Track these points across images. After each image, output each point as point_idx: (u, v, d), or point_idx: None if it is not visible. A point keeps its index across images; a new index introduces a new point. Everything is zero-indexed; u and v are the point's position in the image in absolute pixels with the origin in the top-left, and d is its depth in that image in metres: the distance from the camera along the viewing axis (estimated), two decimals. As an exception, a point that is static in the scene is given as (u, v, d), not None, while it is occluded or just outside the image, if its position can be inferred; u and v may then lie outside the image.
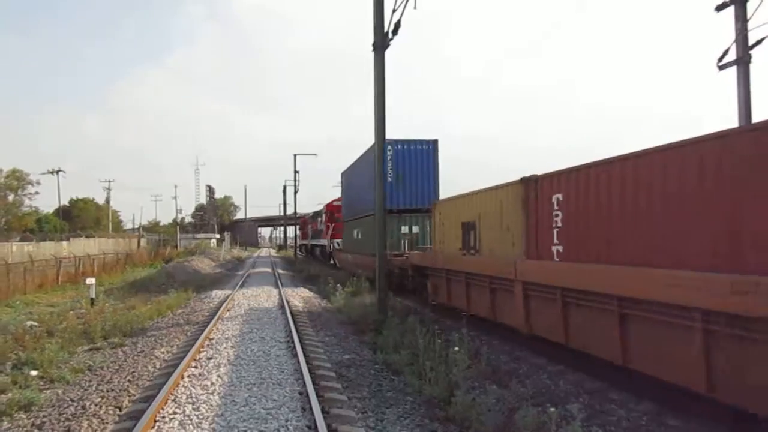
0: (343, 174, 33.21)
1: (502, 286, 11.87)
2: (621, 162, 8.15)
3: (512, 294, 11.28)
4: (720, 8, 14.49)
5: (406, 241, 21.36)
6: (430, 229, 18.59)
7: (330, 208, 39.77)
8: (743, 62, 14.20)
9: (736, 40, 14.27)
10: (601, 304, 8.44)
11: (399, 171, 22.11)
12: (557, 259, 9.83)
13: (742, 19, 14.11)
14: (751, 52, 14.13)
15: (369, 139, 14.60)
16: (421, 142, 22.53)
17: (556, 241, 9.91)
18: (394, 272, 19.29)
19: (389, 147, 21.30)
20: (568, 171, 9.56)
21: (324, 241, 42.09)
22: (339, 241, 35.38)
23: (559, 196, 9.79)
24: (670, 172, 7.15)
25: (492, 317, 12.55)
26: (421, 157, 22.43)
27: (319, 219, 45.54)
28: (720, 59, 14.64)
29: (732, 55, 14.42)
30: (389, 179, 21.02)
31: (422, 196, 21.84)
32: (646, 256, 7.52)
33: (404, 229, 21.80)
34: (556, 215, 9.89)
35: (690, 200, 6.85)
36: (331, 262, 38.89)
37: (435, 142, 22.66)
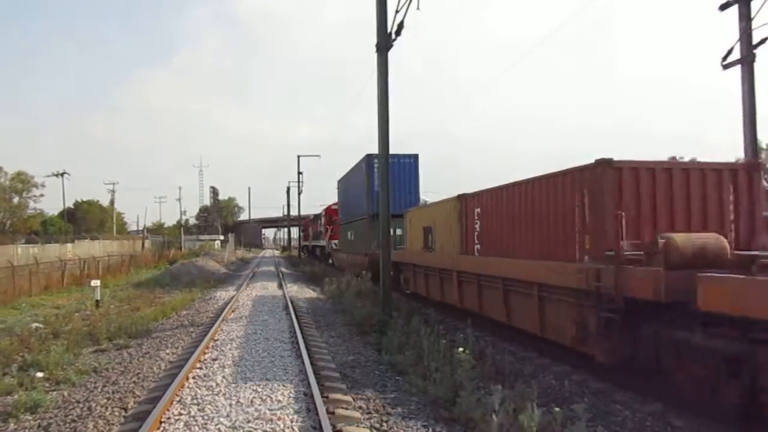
0: (339, 181, 36.18)
1: (447, 275, 15.74)
2: (506, 188, 12.31)
3: (452, 280, 15.19)
4: (724, 7, 14.45)
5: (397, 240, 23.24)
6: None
7: (328, 211, 42.14)
8: (747, 61, 14.17)
9: (741, 39, 14.23)
10: (495, 282, 12.48)
11: (397, 175, 24.05)
12: (477, 254, 13.86)
13: (746, 18, 14.07)
14: (755, 51, 14.10)
15: (373, 137, 14.60)
16: (404, 156, 25.00)
17: (476, 241, 13.99)
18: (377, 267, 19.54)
19: (376, 160, 22.90)
20: (481, 192, 13.77)
21: (323, 242, 44.32)
22: (336, 242, 38.04)
23: (478, 209, 13.84)
24: (515, 199, 11.86)
25: (442, 300, 16.42)
26: (404, 169, 24.99)
27: (319, 221, 47.94)
28: (724, 58, 14.61)
29: (736, 54, 14.38)
30: (376, 188, 22.60)
31: (405, 202, 23.78)
32: (516, 251, 11.74)
33: (401, 231, 23.25)
34: (476, 223, 13.95)
35: (522, 217, 11.61)
36: (330, 261, 40.78)
37: (416, 156, 25.56)
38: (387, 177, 15.34)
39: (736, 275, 6.41)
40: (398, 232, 23.02)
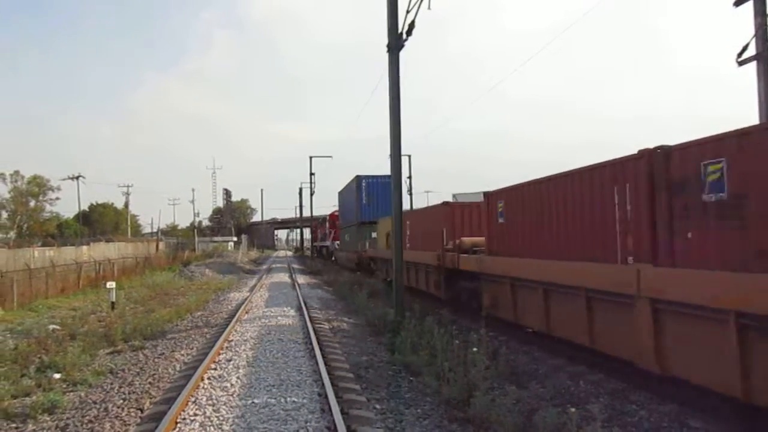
0: (339, 193, 44.44)
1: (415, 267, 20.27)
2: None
3: (422, 269, 19.47)
4: (738, 3, 14.29)
5: (368, 242, 31.08)
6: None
7: (332, 217, 50.97)
8: (763, 57, 14.00)
9: (756, 35, 14.06)
10: (415, 265, 19.83)
11: (371, 196, 32.50)
12: (408, 249, 19.34)
13: (761, 14, 13.90)
14: (771, 47, 13.91)
15: (386, 134, 14.82)
16: (384, 176, 30.82)
17: (407, 241, 19.72)
18: (364, 260, 31.59)
19: (363, 181, 32.62)
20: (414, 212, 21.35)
21: (328, 243, 52.71)
22: (338, 242, 46.24)
23: (408, 222, 20.23)
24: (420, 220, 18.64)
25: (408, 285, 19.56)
26: (384, 186, 30.48)
27: (325, 225, 55.85)
28: (739, 55, 14.44)
29: (752, 51, 14.22)
30: (364, 202, 31.87)
31: (385, 212, 27.55)
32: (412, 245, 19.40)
33: (374, 234, 29.67)
34: (407, 230, 19.93)
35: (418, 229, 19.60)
36: (332, 259, 49.11)
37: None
38: (400, 176, 15.32)
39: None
40: (373, 235, 29.97)
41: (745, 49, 14.39)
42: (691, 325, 6.90)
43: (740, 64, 14.52)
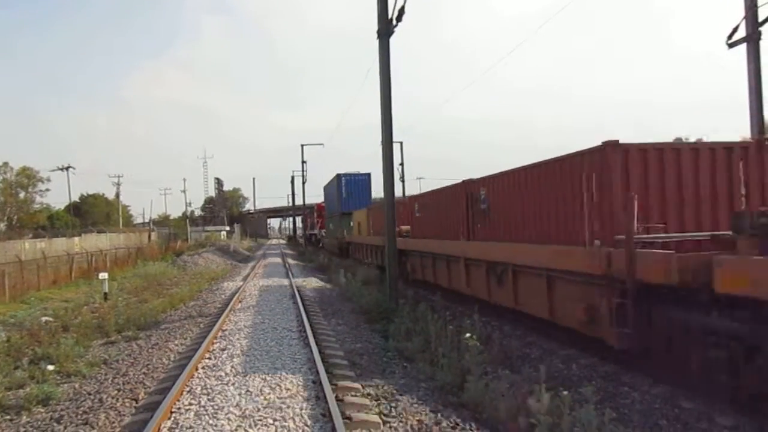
0: (324, 187, 49.78)
1: (367, 247, 27.51)
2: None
3: (364, 249, 27.12)
4: (729, -15, 14.26)
5: (346, 230, 36.03)
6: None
7: (319, 207, 55.48)
8: (753, 39, 14.02)
9: (746, 17, 14.07)
10: (362, 246, 28.36)
11: (349, 191, 37.60)
12: (371, 234, 25.74)
13: (751, -4, 13.89)
14: (761, 29, 13.93)
15: (378, 120, 14.75)
16: (361, 174, 38.68)
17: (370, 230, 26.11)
18: (344, 245, 36.97)
19: (343, 178, 38.20)
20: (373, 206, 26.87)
21: (316, 231, 58.54)
22: (324, 230, 52.20)
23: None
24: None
25: (369, 260, 26.21)
26: (361, 183, 38.02)
27: (314, 215, 60.57)
28: (729, 36, 14.45)
29: (742, 32, 14.22)
30: (344, 196, 37.53)
31: (361, 204, 34.43)
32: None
33: (352, 223, 33.99)
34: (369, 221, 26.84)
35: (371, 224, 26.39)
36: (320, 245, 54.85)
37: (369, 174, 39.07)
38: (391, 163, 15.28)
39: None
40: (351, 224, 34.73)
41: (735, 31, 14.40)
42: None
43: (730, 46, 14.53)
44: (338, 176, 38.79)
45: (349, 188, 37.60)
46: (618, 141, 8.69)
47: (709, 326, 6.75)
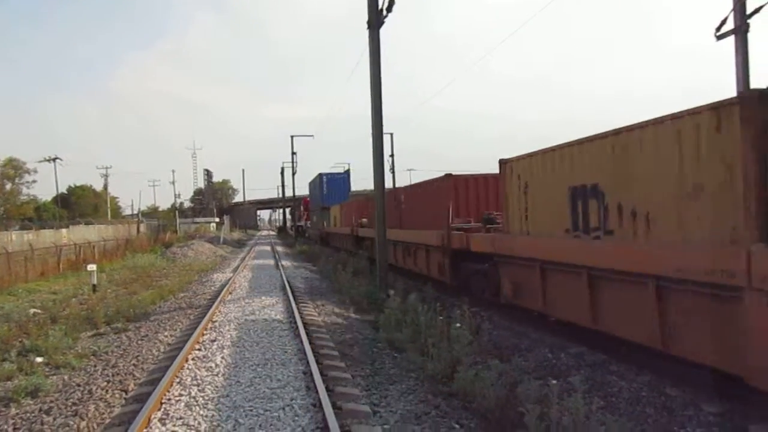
0: (309, 183, 55.31)
1: (342, 236, 32.72)
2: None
3: (342, 238, 32.96)
4: (717, -23, 14.33)
5: (325, 222, 41.80)
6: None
7: (305, 201, 61.02)
8: (741, 31, 14.10)
9: (734, 9, 14.15)
10: (340, 235, 34.20)
11: (330, 188, 42.82)
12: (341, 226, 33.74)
13: (739, -12, 13.96)
14: (749, 20, 14.02)
15: (368, 111, 14.67)
16: (340, 173, 46.01)
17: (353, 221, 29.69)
18: (323, 235, 42.57)
19: (324, 177, 44.01)
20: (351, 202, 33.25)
21: (302, 223, 63.89)
22: (309, 222, 57.64)
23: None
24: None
25: (341, 246, 31.91)
26: (339, 181, 43.77)
27: (300, 208, 66.03)
28: (718, 29, 14.53)
29: (730, 24, 14.31)
30: (325, 192, 42.64)
31: (340, 199, 38.98)
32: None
33: (331, 216, 39.12)
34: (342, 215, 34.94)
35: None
36: (306, 235, 59.10)
37: (348, 171, 47.28)
38: (382, 155, 15.28)
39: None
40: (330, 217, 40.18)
41: (723, 23, 14.47)
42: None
43: (719, 38, 14.61)
44: (320, 175, 45.31)
45: (329, 186, 43.47)
46: (451, 174, 15.69)
47: (474, 267, 13.51)
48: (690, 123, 6.70)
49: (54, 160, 65.85)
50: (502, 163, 11.98)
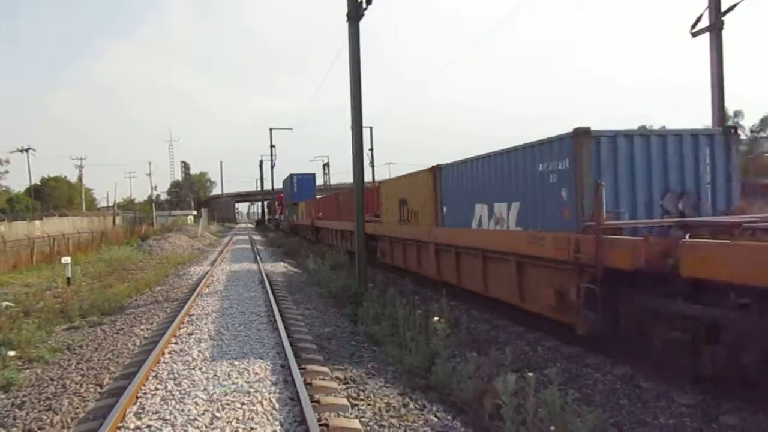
0: (283, 182, 59.43)
1: (303, 226, 41.47)
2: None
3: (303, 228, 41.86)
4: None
5: (295, 215, 47.18)
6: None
7: (279, 197, 65.09)
8: (716, 29, 14.31)
9: (709, 7, 14.35)
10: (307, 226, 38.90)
11: (300, 187, 48.28)
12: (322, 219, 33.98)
13: (715, -14, 14.16)
14: (723, 18, 14.23)
15: (347, 101, 14.58)
16: (308, 174, 51.63)
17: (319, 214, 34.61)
18: (293, 226, 48.56)
19: (294, 177, 49.72)
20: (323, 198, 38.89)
21: (277, 216, 67.77)
22: (282, 216, 62.08)
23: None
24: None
25: (309, 236, 37.60)
26: (308, 181, 50.05)
27: (275, 203, 70.07)
28: (693, 26, 14.73)
29: (705, 22, 14.50)
30: (295, 190, 48.26)
31: (307, 197, 44.25)
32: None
33: (299, 211, 44.56)
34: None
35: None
36: (280, 228, 62.88)
37: (314, 174, 53.58)
38: (361, 149, 15.21)
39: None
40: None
41: (698, 20, 14.65)
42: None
43: (694, 35, 14.80)
44: (291, 175, 51.75)
45: (299, 185, 49.52)
46: (378, 182, 20.97)
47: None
48: (427, 173, 14.79)
49: (27, 150, 64.54)
50: (380, 183, 20.05)
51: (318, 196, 43.24)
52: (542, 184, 9.49)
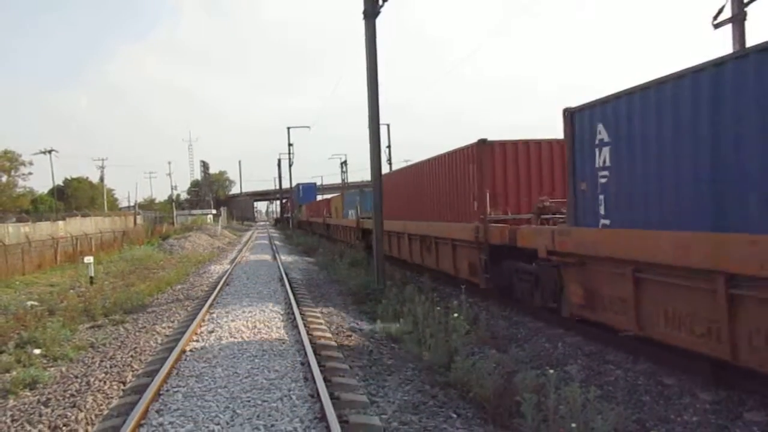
0: (292, 188, 70.13)
1: (304, 221, 61.01)
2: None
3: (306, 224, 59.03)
4: (715, -35, 14.24)
5: (300, 214, 62.88)
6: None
7: (290, 200, 76.16)
8: (738, 20, 14.03)
9: (732, -2, 14.06)
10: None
11: (304, 193, 65.04)
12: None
13: (737, -24, 13.88)
14: (746, 9, 13.95)
15: (364, 99, 14.75)
16: (311, 183, 72.04)
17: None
18: (298, 223, 65.41)
19: (300, 185, 68.16)
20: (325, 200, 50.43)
21: (289, 215, 76.07)
22: (291, 214, 71.92)
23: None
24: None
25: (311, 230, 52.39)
26: (310, 188, 68.24)
27: (287, 203, 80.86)
28: (715, 17, 14.45)
29: (727, 13, 14.23)
30: (300, 195, 65.53)
31: (309, 200, 60.42)
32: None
33: (302, 211, 61.76)
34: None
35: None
36: (290, 224, 71.08)
37: (315, 183, 75.96)
38: (379, 146, 15.22)
39: None
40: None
41: (720, 11, 14.39)
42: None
43: (716, 27, 14.52)
44: (298, 185, 67.61)
45: (303, 192, 65.55)
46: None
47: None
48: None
49: (50, 152, 65.49)
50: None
51: (318, 198, 60.82)
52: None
